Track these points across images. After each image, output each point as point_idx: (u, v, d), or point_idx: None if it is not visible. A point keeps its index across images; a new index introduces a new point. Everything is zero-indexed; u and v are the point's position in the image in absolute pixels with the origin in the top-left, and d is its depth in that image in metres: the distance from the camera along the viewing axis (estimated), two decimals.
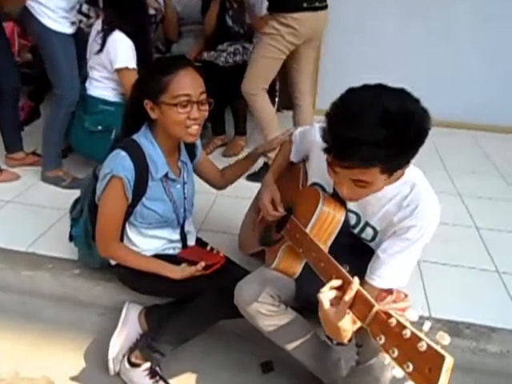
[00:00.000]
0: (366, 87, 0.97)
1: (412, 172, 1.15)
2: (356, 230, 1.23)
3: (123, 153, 1.30)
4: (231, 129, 3.01)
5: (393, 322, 0.77)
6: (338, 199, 1.20)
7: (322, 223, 1.18)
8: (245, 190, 2.39)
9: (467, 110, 3.26)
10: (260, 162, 2.38)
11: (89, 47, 2.29)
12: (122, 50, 2.15)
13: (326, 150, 0.98)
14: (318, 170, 1.28)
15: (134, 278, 1.47)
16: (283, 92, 3.14)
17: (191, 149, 1.54)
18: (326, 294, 0.91)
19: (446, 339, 0.70)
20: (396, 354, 0.74)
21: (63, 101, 2.27)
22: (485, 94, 3.25)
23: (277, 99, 3.22)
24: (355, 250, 1.22)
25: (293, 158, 1.50)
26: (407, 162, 1.01)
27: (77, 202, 1.68)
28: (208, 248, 1.55)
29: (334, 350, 1.36)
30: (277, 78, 3.01)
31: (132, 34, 2.15)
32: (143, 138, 1.35)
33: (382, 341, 0.77)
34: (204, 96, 1.31)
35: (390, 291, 0.97)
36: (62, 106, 2.28)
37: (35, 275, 1.76)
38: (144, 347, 1.43)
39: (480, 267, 1.88)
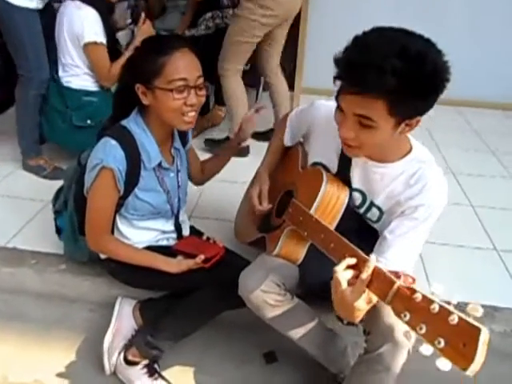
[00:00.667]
0: (393, 28, 0.94)
1: (419, 149, 1.13)
2: (361, 210, 1.19)
3: (113, 141, 1.20)
4: None
5: (418, 296, 0.72)
6: (342, 179, 1.17)
7: (326, 205, 1.15)
8: (236, 174, 2.33)
9: (455, 87, 3.25)
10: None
11: (57, 25, 2.11)
12: (88, 24, 2.01)
13: (336, 77, 0.95)
14: (321, 148, 1.25)
15: (127, 272, 1.39)
16: None
17: (183, 134, 1.45)
18: (343, 274, 0.88)
19: (478, 311, 0.67)
20: (424, 330, 0.70)
21: (31, 83, 2.10)
22: (474, 72, 3.24)
23: (262, 78, 3.13)
24: (360, 233, 1.17)
25: (288, 142, 1.45)
26: (418, 113, 0.95)
27: (59, 192, 1.59)
28: (204, 238, 1.48)
29: (340, 338, 1.33)
30: None
31: (101, 9, 2.03)
32: (134, 124, 1.26)
33: (407, 318, 0.73)
34: (201, 80, 1.22)
35: (397, 275, 0.94)
36: (30, 89, 2.11)
37: (17, 272, 1.66)
38: (141, 344, 1.36)
39: (478, 246, 1.87)
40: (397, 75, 0.86)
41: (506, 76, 3.23)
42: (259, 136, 2.53)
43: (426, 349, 0.69)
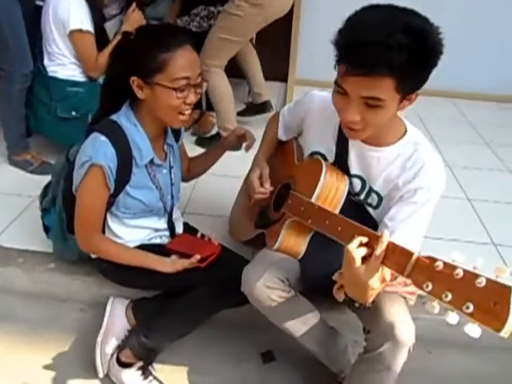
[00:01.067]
0: (383, 5, 0.94)
1: (414, 132, 1.12)
2: (362, 197, 1.18)
3: (103, 137, 1.15)
4: None
5: (439, 265, 0.71)
6: (340, 166, 1.16)
7: (326, 195, 1.14)
8: (229, 168, 2.29)
9: (449, 79, 3.24)
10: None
11: (43, 13, 2.03)
12: (74, 10, 1.94)
13: (339, 60, 0.94)
14: (317, 137, 1.24)
15: (119, 272, 1.34)
16: (265, 63, 3.02)
17: (176, 129, 1.39)
18: (357, 251, 0.85)
19: (505, 271, 0.65)
20: (450, 297, 0.68)
21: (14, 78, 2.01)
22: (468, 64, 3.22)
23: None
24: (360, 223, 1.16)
25: (282, 136, 1.43)
26: (419, 85, 0.95)
27: (46, 189, 1.53)
28: (199, 235, 1.44)
29: (341, 337, 1.31)
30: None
31: None
32: (125, 119, 1.20)
33: (430, 288, 0.72)
34: (200, 78, 1.18)
35: None
36: (14, 82, 2.02)
37: (4, 271, 1.61)
38: (135, 345, 1.32)
39: (476, 241, 1.86)
40: (404, 50, 0.85)
41: (500, 68, 3.21)
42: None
43: (453, 317, 0.68)
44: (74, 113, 2.07)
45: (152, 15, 2.75)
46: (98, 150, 1.14)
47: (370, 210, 1.19)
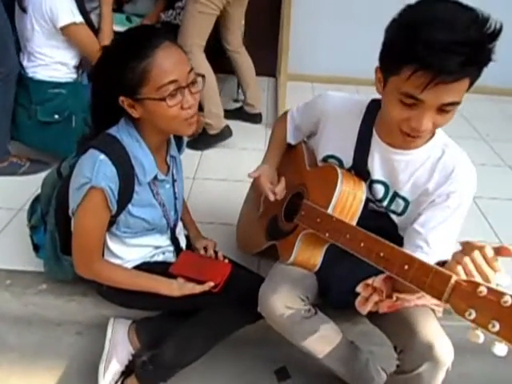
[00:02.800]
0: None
1: (441, 133, 1.08)
2: (385, 203, 1.14)
3: (102, 155, 1.05)
4: None
5: (483, 290, 0.66)
6: (359, 172, 1.13)
7: (343, 205, 1.09)
8: (225, 172, 2.24)
9: None
10: None
11: (19, 13, 1.91)
12: (61, 4, 1.83)
13: (409, 64, 0.83)
14: (334, 140, 1.18)
15: (120, 294, 1.25)
16: (252, 58, 2.96)
17: (178, 138, 1.31)
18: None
19: None
20: (497, 327, 0.64)
21: (7, 81, 1.89)
22: None
23: None
24: (378, 232, 1.12)
25: (290, 139, 1.37)
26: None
27: (34, 205, 1.43)
28: (202, 252, 1.36)
29: (361, 351, 1.27)
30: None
31: None
32: (126, 134, 1.10)
33: (473, 316, 0.67)
34: (193, 75, 1.05)
35: None
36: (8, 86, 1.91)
37: None
38: (141, 373, 1.25)
39: (483, 240, 1.85)
40: (484, 46, 0.81)
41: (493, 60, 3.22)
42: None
43: (501, 349, 0.64)
44: (56, 116, 1.95)
45: (132, 12, 2.65)
46: (97, 170, 1.04)
47: (394, 216, 1.15)
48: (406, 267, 0.81)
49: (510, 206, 2.12)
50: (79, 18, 1.86)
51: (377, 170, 1.11)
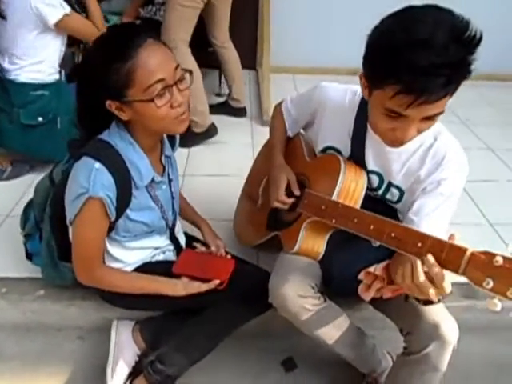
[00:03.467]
0: (416, 7, 0.86)
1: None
2: (379, 192, 1.17)
3: (97, 164, 1.02)
4: None
5: (499, 260, 0.70)
6: (356, 162, 1.14)
7: (346, 192, 1.12)
8: (214, 168, 2.24)
9: None
10: None
11: None
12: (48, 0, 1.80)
13: (400, 92, 0.84)
14: (332, 132, 1.20)
15: (122, 296, 1.23)
16: None
17: (171, 137, 1.29)
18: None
19: None
20: None
21: None
22: None
23: None
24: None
25: (289, 132, 1.39)
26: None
27: (27, 212, 1.41)
28: (202, 249, 1.36)
29: (367, 336, 1.30)
30: None
31: None
32: (118, 139, 1.08)
33: (491, 285, 0.70)
34: (179, 71, 1.02)
35: None
36: None
37: None
38: (150, 373, 1.25)
39: (472, 222, 1.92)
40: (466, 64, 0.82)
41: None
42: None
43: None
44: (40, 119, 1.91)
45: (108, 10, 2.60)
46: (94, 180, 1.02)
47: (391, 205, 1.18)
48: (420, 245, 0.83)
49: (493, 187, 2.20)
50: (68, 8, 1.84)
51: (371, 161, 1.14)
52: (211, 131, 2.44)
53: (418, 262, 0.80)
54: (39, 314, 1.48)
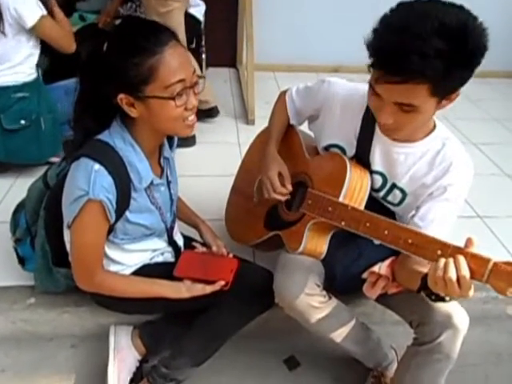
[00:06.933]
0: (419, 1, 0.92)
1: (441, 126, 1.14)
2: (381, 194, 1.19)
3: (97, 165, 1.02)
4: None
5: None
6: (360, 161, 1.17)
7: (352, 192, 1.13)
8: (202, 169, 2.25)
9: None
10: None
11: None
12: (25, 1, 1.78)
13: (373, 65, 0.92)
14: (337, 129, 1.22)
15: (121, 302, 1.23)
16: (211, 49, 2.96)
17: (170, 137, 1.29)
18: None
19: None
20: None
21: None
22: None
23: (203, 56, 3.01)
24: None
25: (293, 120, 1.38)
26: (460, 85, 0.94)
27: (16, 216, 1.39)
28: (201, 248, 1.36)
29: (372, 331, 1.34)
30: (202, 32, 2.82)
31: None
32: (119, 139, 1.07)
33: None
34: (195, 76, 1.05)
35: None
36: None
37: None
38: (155, 377, 1.26)
39: (462, 215, 1.99)
40: (440, 57, 0.84)
41: None
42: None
43: None
44: (23, 121, 1.87)
45: (86, 9, 2.57)
46: (94, 182, 1.01)
47: (390, 207, 1.20)
48: (440, 252, 0.87)
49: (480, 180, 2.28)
50: (45, 11, 1.82)
51: (377, 161, 1.16)
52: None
53: (451, 259, 0.84)
54: (30, 324, 1.45)
